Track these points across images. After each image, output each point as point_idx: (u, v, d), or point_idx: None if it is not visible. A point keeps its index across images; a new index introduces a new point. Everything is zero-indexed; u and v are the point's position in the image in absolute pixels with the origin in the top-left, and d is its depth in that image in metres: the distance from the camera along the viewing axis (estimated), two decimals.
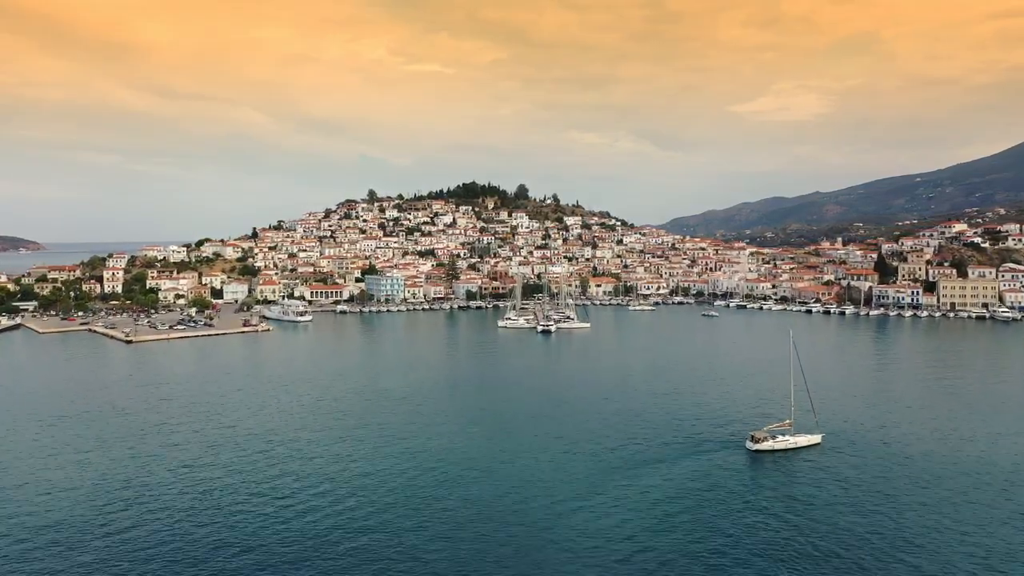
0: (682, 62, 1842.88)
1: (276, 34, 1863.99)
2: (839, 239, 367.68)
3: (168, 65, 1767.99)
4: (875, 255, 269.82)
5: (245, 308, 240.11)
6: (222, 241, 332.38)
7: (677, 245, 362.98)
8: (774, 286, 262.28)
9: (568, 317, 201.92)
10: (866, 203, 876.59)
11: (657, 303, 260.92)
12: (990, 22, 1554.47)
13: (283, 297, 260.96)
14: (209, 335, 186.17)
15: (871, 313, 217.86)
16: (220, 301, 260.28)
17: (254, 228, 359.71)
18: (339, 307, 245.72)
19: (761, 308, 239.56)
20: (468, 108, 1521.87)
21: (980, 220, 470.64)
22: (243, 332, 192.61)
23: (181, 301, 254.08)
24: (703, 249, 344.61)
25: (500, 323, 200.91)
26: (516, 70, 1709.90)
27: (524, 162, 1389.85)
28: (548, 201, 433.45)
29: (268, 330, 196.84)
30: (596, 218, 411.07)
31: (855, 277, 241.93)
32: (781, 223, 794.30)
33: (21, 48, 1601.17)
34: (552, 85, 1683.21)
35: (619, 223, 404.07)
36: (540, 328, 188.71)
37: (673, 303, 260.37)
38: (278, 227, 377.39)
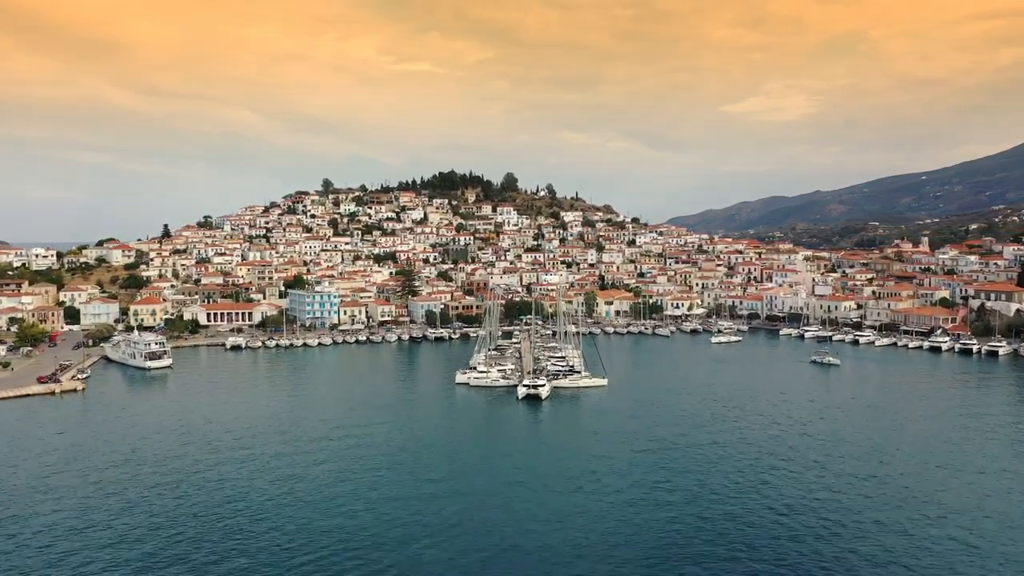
0: (671, 62, 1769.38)
1: (264, 33, 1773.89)
2: (912, 241, 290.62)
3: (156, 64, 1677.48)
4: (999, 261, 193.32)
5: (89, 342, 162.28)
6: (140, 241, 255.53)
7: (705, 247, 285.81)
8: (859, 306, 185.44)
9: (570, 367, 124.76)
10: (871, 202, 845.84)
11: (740, 331, 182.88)
12: (975, 23, 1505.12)
13: (160, 322, 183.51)
14: None
15: None
16: (75, 327, 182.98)
17: (165, 226, 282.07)
18: (230, 340, 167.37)
19: (857, 342, 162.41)
20: (458, 108, 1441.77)
21: (1016, 219, 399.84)
22: (31, 395, 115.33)
23: (16, 328, 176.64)
24: (741, 252, 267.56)
25: (460, 376, 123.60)
26: (505, 69, 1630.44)
27: (516, 162, 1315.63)
28: (542, 193, 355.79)
29: (78, 390, 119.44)
30: (600, 213, 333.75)
31: (989, 295, 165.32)
32: (784, 222, 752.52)
33: (6, 45, 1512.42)
34: (541, 85, 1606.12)
35: (629, 220, 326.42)
36: (523, 389, 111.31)
37: (723, 329, 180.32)
38: (205, 224, 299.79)
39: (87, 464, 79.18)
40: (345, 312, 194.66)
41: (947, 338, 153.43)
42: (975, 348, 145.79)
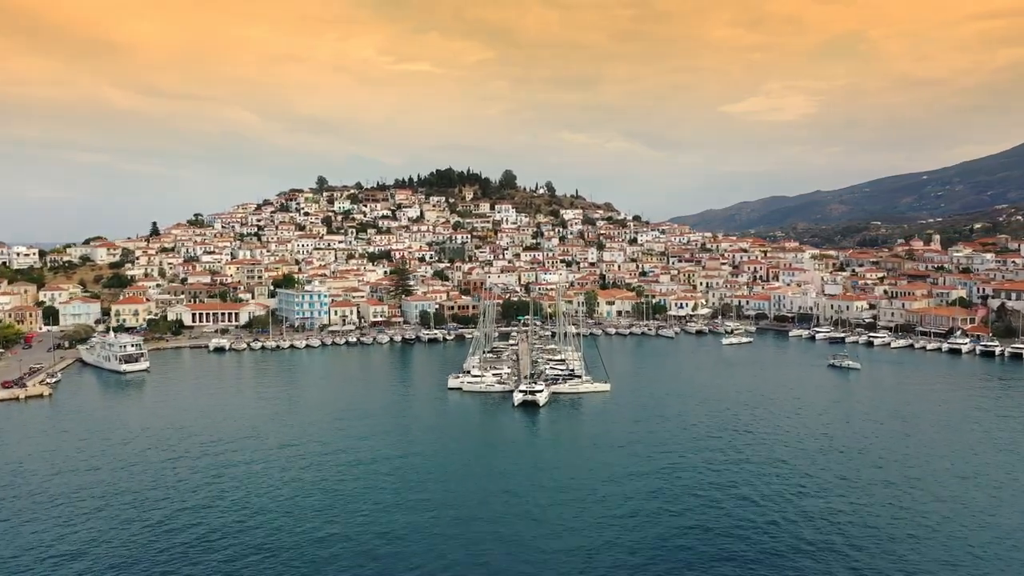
0: (670, 62, 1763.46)
1: (264, 33, 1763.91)
2: (922, 239, 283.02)
3: (155, 64, 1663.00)
4: (1016, 259, 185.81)
5: (65, 344, 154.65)
6: (128, 239, 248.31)
7: (709, 245, 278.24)
8: (871, 306, 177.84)
9: (570, 371, 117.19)
10: (871, 202, 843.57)
11: (750, 332, 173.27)
12: (974, 23, 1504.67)
13: (143, 322, 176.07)
14: None
15: None
16: (54, 328, 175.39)
17: (154, 224, 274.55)
18: (213, 341, 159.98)
19: (871, 343, 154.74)
20: (458, 108, 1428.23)
21: (1020, 218, 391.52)
22: None
23: None
24: (745, 251, 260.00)
25: (452, 381, 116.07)
26: (504, 70, 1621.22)
27: (515, 162, 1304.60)
28: (541, 191, 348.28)
29: (44, 395, 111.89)
30: (600, 211, 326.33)
31: (1010, 294, 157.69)
32: (784, 222, 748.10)
33: (5, 45, 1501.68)
34: (541, 85, 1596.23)
35: (631, 218, 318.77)
36: (519, 395, 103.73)
37: (733, 330, 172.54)
38: (195, 222, 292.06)
39: (37, 475, 71.65)
40: (336, 312, 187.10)
41: (967, 340, 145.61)
42: (997, 350, 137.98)
